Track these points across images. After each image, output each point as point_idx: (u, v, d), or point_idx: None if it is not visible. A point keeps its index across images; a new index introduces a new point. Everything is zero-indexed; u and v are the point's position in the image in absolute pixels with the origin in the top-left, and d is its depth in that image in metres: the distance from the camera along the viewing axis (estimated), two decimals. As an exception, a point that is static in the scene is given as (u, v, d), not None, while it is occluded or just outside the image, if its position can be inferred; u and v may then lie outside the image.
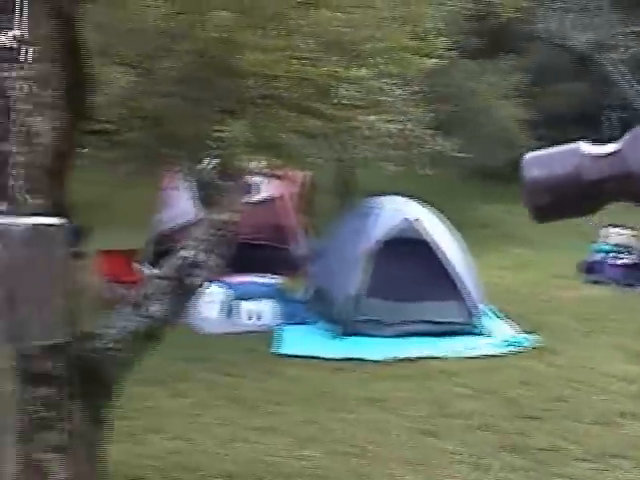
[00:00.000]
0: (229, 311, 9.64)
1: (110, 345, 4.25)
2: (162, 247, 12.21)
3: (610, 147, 1.03)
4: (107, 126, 9.42)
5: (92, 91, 2.83)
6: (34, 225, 2.14)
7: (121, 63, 4.79)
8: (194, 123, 5.32)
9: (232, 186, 4.83)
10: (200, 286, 4.56)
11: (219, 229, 4.58)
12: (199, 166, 4.99)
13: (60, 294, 2.19)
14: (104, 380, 4.28)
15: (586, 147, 1.07)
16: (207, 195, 4.87)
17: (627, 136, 1.04)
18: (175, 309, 4.47)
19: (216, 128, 4.63)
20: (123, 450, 5.46)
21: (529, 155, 1.08)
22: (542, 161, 1.04)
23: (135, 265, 11.19)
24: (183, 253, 4.52)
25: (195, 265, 4.46)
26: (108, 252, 11.56)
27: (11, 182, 2.61)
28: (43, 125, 3.41)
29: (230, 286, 9.69)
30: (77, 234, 13.69)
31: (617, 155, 1.01)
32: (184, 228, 11.73)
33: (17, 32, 2.91)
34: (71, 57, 2.71)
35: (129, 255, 11.59)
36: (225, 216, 4.69)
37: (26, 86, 3.63)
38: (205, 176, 4.91)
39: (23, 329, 2.18)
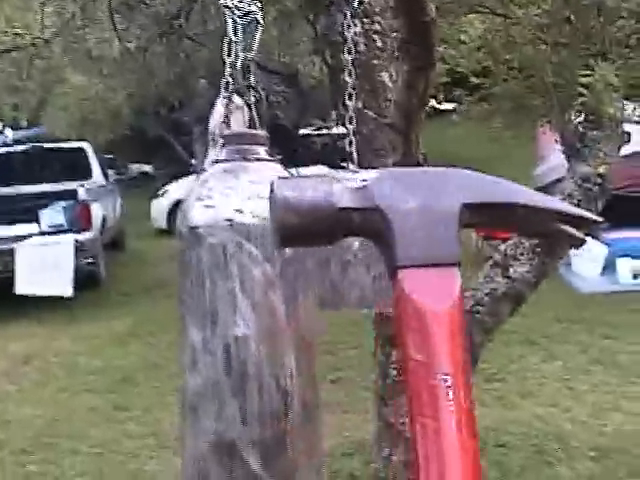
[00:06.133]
0: (609, 269, 9.07)
1: (476, 308, 4.07)
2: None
3: (358, 181, 1.00)
4: (474, 80, 9.27)
5: (434, 42, 2.62)
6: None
7: (476, 12, 4.58)
8: (560, 70, 4.99)
9: (599, 136, 4.41)
10: (570, 246, 4.21)
11: (584, 182, 4.20)
12: (565, 116, 4.62)
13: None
14: (469, 344, 4.11)
15: (339, 176, 1.04)
16: (571, 146, 4.49)
17: (372, 174, 1.00)
18: (542, 271, 4.17)
19: (582, 73, 4.25)
20: (492, 414, 5.32)
21: (279, 179, 1.03)
22: (295, 184, 1.00)
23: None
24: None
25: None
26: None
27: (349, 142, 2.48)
28: (389, 80, 3.31)
29: (609, 242, 9.10)
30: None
31: (366, 191, 0.97)
32: (558, 183, 11.32)
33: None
34: (413, 5, 2.52)
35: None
36: (590, 169, 4.29)
37: (375, 40, 3.57)
38: (570, 126, 4.54)
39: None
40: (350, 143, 2.52)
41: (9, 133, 15.14)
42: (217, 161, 1.53)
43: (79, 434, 5.51)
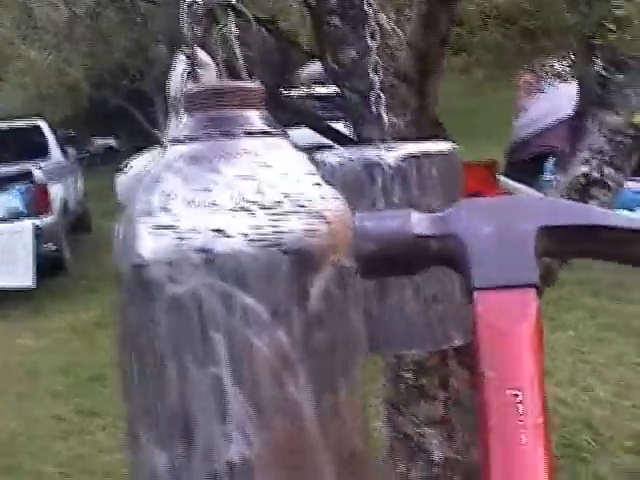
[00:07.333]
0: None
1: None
2: (518, 156, 11.36)
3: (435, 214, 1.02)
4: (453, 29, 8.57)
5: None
6: (409, 155, 1.46)
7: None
8: (560, 10, 4.42)
9: (627, 80, 3.78)
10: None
11: (615, 135, 3.58)
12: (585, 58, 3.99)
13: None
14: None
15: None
16: (592, 94, 3.85)
17: (451, 208, 1.01)
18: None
19: (615, 4, 3.62)
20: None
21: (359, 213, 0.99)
22: (374, 215, 1.05)
23: (500, 178, 10.44)
24: (583, 169, 3.57)
25: (594, 182, 3.53)
26: (468, 165, 10.88)
27: (372, 96, 1.88)
28: (388, 23, 2.67)
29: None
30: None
31: (443, 219, 1.01)
32: (541, 135, 10.77)
33: None
34: None
35: (490, 167, 10.83)
36: (620, 119, 3.66)
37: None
38: (591, 71, 3.90)
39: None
40: (377, 98, 1.92)
41: (-39, 113, 14.41)
42: (176, 140, 0.84)
43: (43, 451, 4.88)
